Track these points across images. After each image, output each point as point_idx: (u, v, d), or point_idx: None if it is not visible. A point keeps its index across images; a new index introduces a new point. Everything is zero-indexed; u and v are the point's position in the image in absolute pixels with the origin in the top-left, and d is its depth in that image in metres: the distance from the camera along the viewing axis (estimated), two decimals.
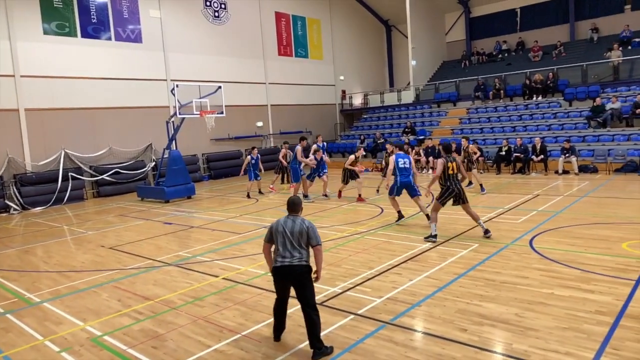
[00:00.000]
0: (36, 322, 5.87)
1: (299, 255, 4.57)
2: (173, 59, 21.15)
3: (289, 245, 4.59)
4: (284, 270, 4.59)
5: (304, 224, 4.65)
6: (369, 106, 28.86)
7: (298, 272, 4.55)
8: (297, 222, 4.67)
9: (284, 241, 4.61)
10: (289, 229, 4.63)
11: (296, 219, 4.71)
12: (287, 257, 4.56)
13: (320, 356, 4.46)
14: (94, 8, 18.69)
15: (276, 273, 4.66)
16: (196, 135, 20.90)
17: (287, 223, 4.68)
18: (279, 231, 4.67)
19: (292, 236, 4.60)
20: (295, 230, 4.62)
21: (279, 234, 4.66)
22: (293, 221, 4.68)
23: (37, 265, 8.71)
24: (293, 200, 4.84)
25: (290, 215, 4.78)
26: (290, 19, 26.75)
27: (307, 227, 4.64)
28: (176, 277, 7.36)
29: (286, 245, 4.60)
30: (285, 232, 4.63)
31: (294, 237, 4.60)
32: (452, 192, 8.26)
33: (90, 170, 18.15)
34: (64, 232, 11.98)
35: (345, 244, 8.57)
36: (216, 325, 5.37)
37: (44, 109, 17.33)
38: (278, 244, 4.66)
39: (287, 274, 4.58)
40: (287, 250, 4.58)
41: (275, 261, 4.64)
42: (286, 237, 4.61)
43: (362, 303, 5.72)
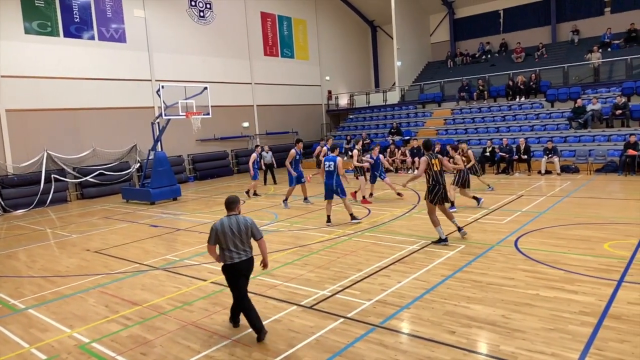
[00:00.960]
0: (21, 329, 5.78)
1: (249, 250, 5.04)
2: (158, 59, 20.95)
3: (239, 243, 4.96)
4: (241, 266, 5.00)
5: (247, 222, 5.00)
6: (354, 106, 28.98)
7: (250, 265, 5.09)
8: (240, 220, 4.99)
9: (234, 240, 4.95)
10: (235, 229, 4.95)
11: (238, 218, 5.01)
12: (242, 254, 4.98)
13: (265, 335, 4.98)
14: (76, 7, 18.41)
15: (234, 269, 5.00)
16: (181, 135, 20.74)
17: (232, 223, 4.97)
18: (225, 232, 4.94)
19: (240, 234, 4.95)
20: (241, 229, 4.96)
21: (227, 235, 4.94)
22: (237, 220, 4.98)
23: (20, 270, 8.57)
24: (232, 199, 5.11)
25: (230, 214, 5.06)
26: (276, 19, 26.70)
27: (250, 224, 5.01)
28: (164, 281, 7.31)
29: (237, 244, 4.95)
30: (233, 232, 4.94)
31: (242, 235, 4.96)
32: (439, 191, 8.13)
33: (74, 171, 17.88)
34: (48, 235, 11.79)
35: (333, 246, 8.61)
36: (206, 331, 5.35)
37: (26, 110, 17.02)
38: (228, 243, 4.95)
39: (243, 268, 5.03)
40: (239, 248, 4.96)
41: (231, 259, 4.96)
42: (235, 236, 4.94)
43: (351, 306, 5.76)
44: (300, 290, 6.44)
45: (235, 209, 5.08)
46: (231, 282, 5.12)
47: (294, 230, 10.22)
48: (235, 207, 5.08)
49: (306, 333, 5.11)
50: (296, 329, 5.24)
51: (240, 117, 24.57)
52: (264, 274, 7.22)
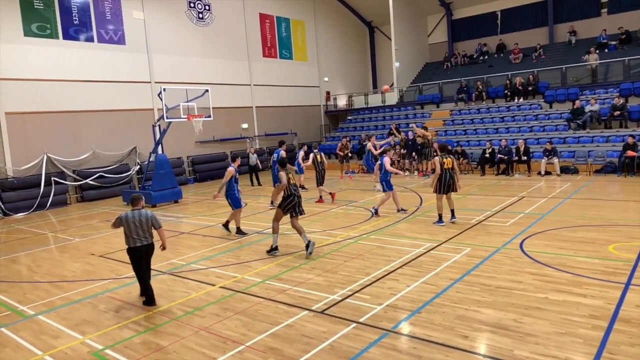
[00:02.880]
0: (33, 335, 5.77)
1: (149, 237, 6.46)
2: (157, 61, 20.91)
3: (141, 232, 6.37)
4: (141, 249, 6.42)
5: (148, 215, 6.43)
6: (353, 107, 29.03)
7: (150, 249, 6.53)
8: (142, 213, 6.42)
9: (137, 229, 6.36)
10: (137, 221, 6.36)
11: (141, 212, 6.43)
12: (143, 240, 6.40)
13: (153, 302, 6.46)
14: (75, 9, 18.34)
15: (136, 251, 6.42)
16: (181, 137, 20.70)
17: (134, 216, 6.38)
18: (129, 223, 6.36)
19: (142, 225, 6.37)
20: (142, 220, 6.37)
21: (130, 225, 6.36)
22: (139, 214, 6.39)
23: (26, 276, 8.55)
24: (136, 197, 6.58)
25: (134, 209, 6.48)
26: (274, 21, 26.70)
27: (150, 216, 6.44)
28: (172, 286, 7.32)
29: (139, 232, 6.36)
30: (135, 224, 6.35)
31: (143, 226, 6.38)
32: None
33: (74, 174, 17.82)
34: (50, 239, 11.76)
35: (339, 250, 8.64)
36: (219, 336, 5.38)
37: (25, 112, 16.94)
38: (132, 231, 6.36)
39: (143, 251, 6.44)
40: (140, 235, 6.38)
41: (134, 243, 6.39)
42: (138, 226, 6.36)
43: (362, 311, 5.80)
44: (310, 294, 6.47)
45: (139, 205, 6.52)
46: (134, 262, 6.49)
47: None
48: (138, 203, 6.54)
49: (320, 338, 5.14)
50: (309, 334, 5.27)
51: (239, 119, 24.56)
52: (271, 279, 7.25)
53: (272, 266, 7.92)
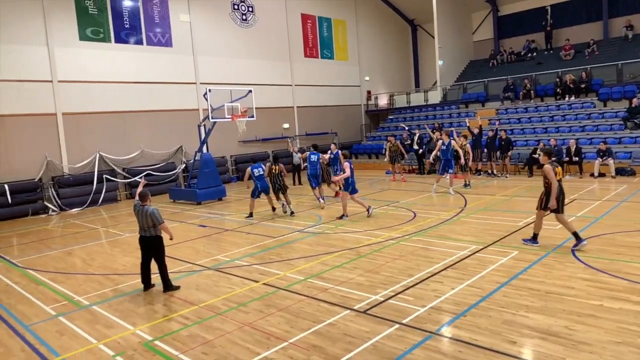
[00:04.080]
0: (88, 325, 6.07)
1: (152, 231, 7.02)
2: (202, 63, 21.48)
3: (144, 225, 7.02)
4: (144, 239, 7.09)
5: (149, 211, 6.97)
6: (394, 107, 28.72)
7: (152, 242, 7.06)
8: (145, 209, 7.01)
9: (142, 222, 7.05)
10: (142, 215, 7.03)
11: (146, 208, 7.03)
12: (146, 232, 7.05)
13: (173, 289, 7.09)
14: (126, 14, 19.13)
15: (141, 241, 7.15)
16: (224, 137, 21.16)
17: (140, 211, 7.07)
18: (137, 214, 7.11)
19: (145, 219, 6.98)
20: (144, 214, 6.99)
21: (138, 216, 7.10)
22: (143, 209, 7.02)
23: (81, 268, 9.00)
24: (142, 194, 7.18)
25: (142, 204, 7.10)
26: (316, 21, 26.83)
27: (150, 212, 6.96)
28: (217, 281, 7.50)
29: (143, 225, 7.05)
30: (140, 217, 7.06)
31: (144, 220, 6.99)
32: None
33: (123, 172, 18.60)
34: (102, 234, 12.33)
35: (380, 250, 8.58)
36: (262, 332, 5.46)
37: (80, 113, 17.83)
38: (139, 222, 7.10)
39: (147, 242, 7.08)
40: (143, 227, 7.04)
41: (140, 232, 7.13)
42: (142, 219, 7.03)
43: (405, 312, 5.73)
44: (352, 294, 6.45)
45: (145, 201, 7.11)
46: (141, 250, 7.18)
47: (339, 232, 10.25)
48: (144, 199, 7.13)
49: (362, 338, 5.12)
50: (352, 333, 5.26)
51: (280, 119, 24.84)
52: (313, 277, 7.29)
53: (314, 264, 7.96)
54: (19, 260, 9.93)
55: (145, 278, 7.22)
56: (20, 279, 8.47)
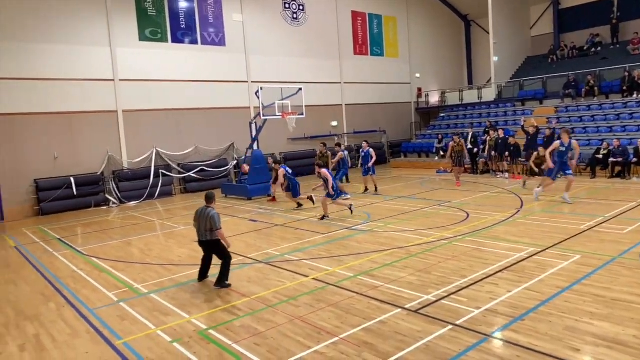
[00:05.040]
0: (147, 311, 6.34)
1: (207, 235, 6.90)
2: (254, 61, 21.88)
3: (202, 228, 6.91)
4: (201, 244, 7.10)
5: (209, 214, 6.83)
6: (446, 104, 28.04)
7: (208, 245, 7.04)
8: (207, 212, 6.89)
9: (200, 225, 6.94)
10: (202, 217, 6.91)
11: (207, 210, 6.92)
12: (202, 236, 6.96)
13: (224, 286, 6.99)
14: (182, 14, 19.81)
15: (199, 244, 7.15)
16: (274, 134, 21.44)
17: (202, 213, 6.95)
18: (197, 217, 7.03)
19: (205, 222, 6.85)
20: (204, 218, 6.86)
21: (198, 219, 7.00)
22: (205, 211, 6.93)
23: (139, 257, 9.41)
24: (208, 195, 7.09)
25: (206, 206, 7.01)
26: (366, 18, 26.65)
27: (210, 216, 6.80)
28: (268, 274, 7.61)
29: (200, 228, 6.94)
30: (201, 219, 6.92)
31: (202, 222, 6.90)
32: None
33: (178, 167, 19.30)
34: (158, 226, 12.85)
35: (432, 250, 8.40)
36: (313, 327, 5.48)
37: (139, 110, 18.65)
38: (197, 225, 7.02)
39: (203, 246, 7.10)
40: (200, 230, 6.95)
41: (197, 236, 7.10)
42: (201, 223, 6.90)
43: (459, 313, 5.57)
44: (404, 293, 6.36)
45: (211, 203, 7.01)
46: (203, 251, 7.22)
47: (389, 231, 10.13)
48: (210, 201, 7.03)
49: (414, 337, 5.03)
50: (403, 332, 5.18)
51: (328, 116, 24.88)
52: (363, 274, 7.25)
53: (363, 262, 7.92)
54: (83, 248, 10.54)
55: (203, 270, 7.32)
56: (84, 266, 8.98)
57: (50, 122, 16.52)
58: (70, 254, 10.12)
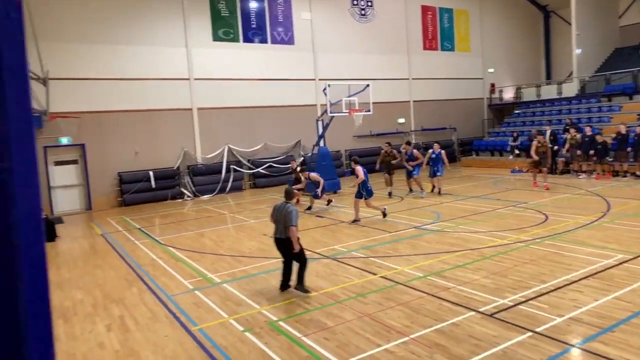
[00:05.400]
0: (220, 301, 6.58)
1: (283, 232, 6.45)
2: (321, 59, 22.02)
3: (280, 224, 6.49)
4: (275, 241, 6.65)
5: (287, 209, 6.45)
6: (522, 100, 26.58)
7: (282, 244, 6.54)
8: (285, 207, 6.51)
9: (277, 221, 6.55)
10: (279, 213, 6.52)
11: (286, 206, 6.52)
12: (278, 233, 6.55)
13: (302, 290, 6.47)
14: (253, 14, 20.36)
15: (275, 241, 6.70)
16: (339, 132, 21.42)
17: (279, 209, 6.58)
18: (274, 213, 6.66)
19: (282, 218, 6.44)
20: (282, 214, 6.45)
21: (275, 215, 6.62)
22: (284, 207, 6.53)
23: (212, 248, 9.81)
24: (288, 191, 6.82)
25: (286, 201, 6.67)
26: (436, 12, 25.89)
27: (288, 212, 6.40)
28: (336, 270, 7.62)
29: (278, 224, 6.54)
30: (278, 215, 6.53)
31: (281, 219, 6.47)
32: None
33: (248, 163, 19.91)
34: (229, 219, 13.32)
35: (507, 253, 7.98)
36: (382, 325, 5.41)
37: (212, 108, 19.44)
38: (274, 221, 6.64)
39: (278, 244, 6.62)
40: (279, 228, 6.51)
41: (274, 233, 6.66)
42: (279, 219, 6.50)
43: (539, 320, 5.24)
44: (477, 296, 6.09)
45: (290, 199, 6.67)
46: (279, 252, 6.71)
47: (459, 231, 9.78)
48: (290, 197, 6.69)
49: (490, 342, 4.80)
50: (478, 336, 4.96)
51: (395, 113, 24.48)
52: (433, 275, 7.04)
53: (433, 262, 7.69)
54: (161, 238, 11.17)
55: (285, 279, 6.65)
56: (163, 255, 9.51)
57: (131, 119, 17.67)
58: (149, 242, 10.77)
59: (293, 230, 6.33)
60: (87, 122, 16.59)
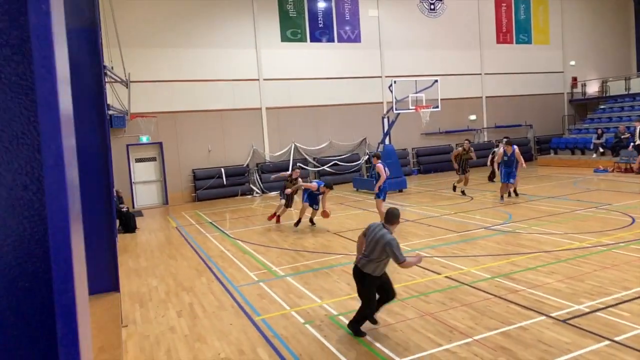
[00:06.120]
0: (283, 293, 6.74)
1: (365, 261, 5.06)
2: (388, 56, 21.76)
3: (367, 250, 5.06)
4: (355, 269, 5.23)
5: (385, 238, 4.91)
6: (608, 95, 24.53)
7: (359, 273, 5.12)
8: (382, 234, 4.97)
9: (367, 244, 5.10)
10: (373, 237, 5.04)
11: (383, 232, 5.00)
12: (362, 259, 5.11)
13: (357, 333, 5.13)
14: (320, 14, 20.57)
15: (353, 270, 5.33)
16: (406, 129, 21.08)
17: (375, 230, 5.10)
18: (367, 232, 5.20)
19: (375, 244, 4.97)
20: (376, 239, 4.98)
21: (367, 236, 5.16)
22: (380, 231, 5.01)
23: (277, 243, 10.07)
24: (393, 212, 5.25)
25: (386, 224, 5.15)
26: (512, 3, 24.59)
27: (385, 242, 4.89)
28: (398, 268, 7.42)
29: (366, 249, 5.10)
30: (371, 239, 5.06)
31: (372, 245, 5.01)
32: None
33: (314, 161, 20.17)
34: (295, 215, 13.55)
35: (586, 256, 7.43)
36: (444, 324, 5.26)
37: (279, 107, 19.92)
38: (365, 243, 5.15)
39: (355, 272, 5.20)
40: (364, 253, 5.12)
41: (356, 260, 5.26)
42: (369, 243, 5.07)
43: (618, 328, 4.84)
44: (549, 300, 5.74)
45: (391, 224, 5.15)
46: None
47: (533, 233, 9.25)
48: (391, 221, 5.16)
49: (561, 349, 4.51)
50: (548, 341, 4.68)
51: (466, 110, 23.60)
52: (501, 277, 6.73)
53: (502, 264, 7.35)
54: (231, 232, 11.64)
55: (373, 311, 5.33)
56: (231, 247, 9.92)
57: (204, 119, 18.57)
58: (219, 236, 11.27)
59: (407, 264, 5.07)
60: (164, 122, 17.68)
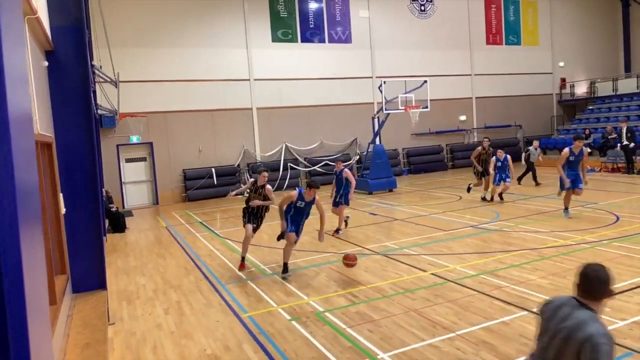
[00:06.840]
0: (270, 291, 6.78)
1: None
2: (378, 56, 21.86)
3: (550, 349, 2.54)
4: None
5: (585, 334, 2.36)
6: (596, 95, 24.84)
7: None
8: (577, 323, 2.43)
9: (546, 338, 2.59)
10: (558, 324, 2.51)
11: (579, 316, 2.45)
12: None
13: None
14: (311, 14, 20.62)
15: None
16: (397, 129, 21.17)
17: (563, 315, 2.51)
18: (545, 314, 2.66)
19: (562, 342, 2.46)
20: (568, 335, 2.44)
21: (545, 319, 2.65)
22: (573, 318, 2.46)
23: (266, 242, 10.09)
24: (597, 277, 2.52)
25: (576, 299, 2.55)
26: (501, 5, 24.81)
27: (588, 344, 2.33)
28: (385, 266, 7.58)
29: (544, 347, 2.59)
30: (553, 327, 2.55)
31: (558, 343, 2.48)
32: None
33: (305, 161, 20.20)
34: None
35: (570, 254, 7.54)
36: (429, 320, 5.33)
37: (270, 107, 19.93)
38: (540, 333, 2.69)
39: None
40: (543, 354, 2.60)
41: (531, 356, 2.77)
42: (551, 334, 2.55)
43: None
44: (531, 295, 5.83)
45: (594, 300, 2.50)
46: None
47: (519, 231, 9.36)
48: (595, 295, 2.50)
49: None
50: (529, 335, 4.74)
51: (456, 110, 23.77)
52: (486, 274, 6.82)
53: (488, 261, 7.44)
54: (220, 231, 11.65)
55: None
56: (220, 246, 9.94)
57: (195, 119, 18.53)
58: (209, 235, 11.27)
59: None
60: (154, 122, 17.63)
